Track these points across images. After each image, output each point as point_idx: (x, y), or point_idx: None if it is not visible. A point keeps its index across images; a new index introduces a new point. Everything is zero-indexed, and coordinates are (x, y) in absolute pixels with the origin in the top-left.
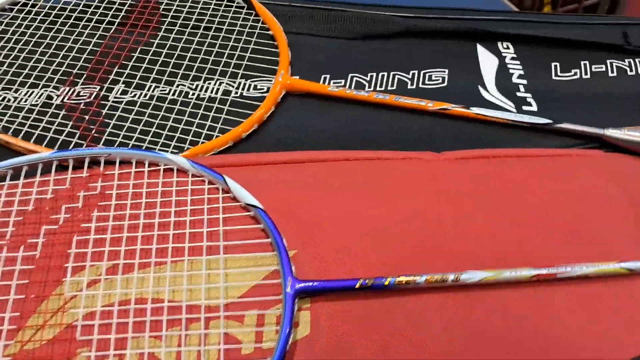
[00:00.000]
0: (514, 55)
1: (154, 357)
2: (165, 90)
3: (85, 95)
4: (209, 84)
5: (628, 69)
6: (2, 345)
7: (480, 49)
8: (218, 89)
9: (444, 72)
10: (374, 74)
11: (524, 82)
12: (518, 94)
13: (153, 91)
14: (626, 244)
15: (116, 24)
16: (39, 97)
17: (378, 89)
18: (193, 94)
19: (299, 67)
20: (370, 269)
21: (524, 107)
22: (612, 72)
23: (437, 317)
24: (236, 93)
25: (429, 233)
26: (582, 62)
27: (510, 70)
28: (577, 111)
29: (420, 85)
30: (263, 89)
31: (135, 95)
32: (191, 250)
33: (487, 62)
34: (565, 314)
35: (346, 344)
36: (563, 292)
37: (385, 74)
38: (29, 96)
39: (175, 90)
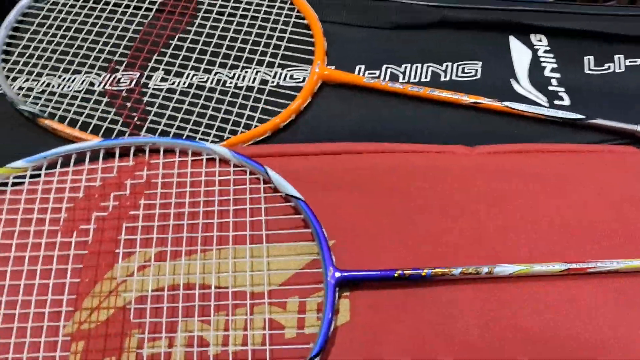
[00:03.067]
0: (547, 48)
1: (202, 339)
2: (203, 79)
3: (125, 82)
4: (246, 72)
5: None
6: (62, 325)
7: (513, 41)
8: (255, 78)
9: (477, 64)
10: (408, 65)
11: (557, 75)
12: (550, 87)
13: (192, 79)
14: None
15: (154, 10)
16: (82, 84)
17: (412, 80)
18: (231, 83)
19: (333, 56)
20: (405, 261)
21: (556, 102)
22: None
23: (469, 309)
24: (273, 82)
25: (463, 227)
26: (616, 56)
27: (543, 64)
28: (610, 106)
29: (454, 78)
30: (299, 78)
31: (174, 83)
32: (235, 239)
33: (520, 54)
34: (594, 309)
35: (383, 332)
36: (593, 287)
37: (419, 65)
38: (72, 82)
39: (213, 79)
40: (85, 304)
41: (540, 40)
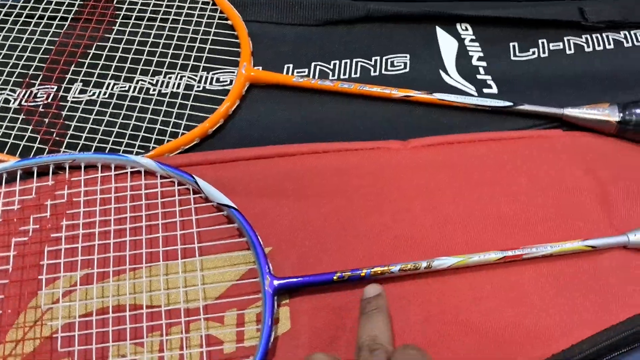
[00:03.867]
0: (473, 37)
1: None
2: (125, 88)
3: (42, 97)
4: (170, 78)
5: (585, 46)
6: None
7: (440, 32)
8: (179, 84)
9: (406, 57)
10: (337, 62)
11: (484, 64)
12: (478, 76)
13: (112, 89)
14: (589, 221)
15: (69, 19)
16: None
17: (342, 77)
18: (154, 90)
19: (260, 57)
20: (345, 262)
21: (485, 90)
22: (570, 49)
23: (410, 305)
24: (198, 87)
25: (400, 224)
26: (540, 41)
27: (470, 53)
28: (537, 91)
29: (383, 72)
30: (226, 81)
31: (94, 94)
32: (166, 254)
33: (447, 45)
34: (532, 294)
35: (325, 337)
36: (531, 273)
37: (348, 61)
38: None
39: (135, 87)
40: (9, 336)
41: (466, 29)
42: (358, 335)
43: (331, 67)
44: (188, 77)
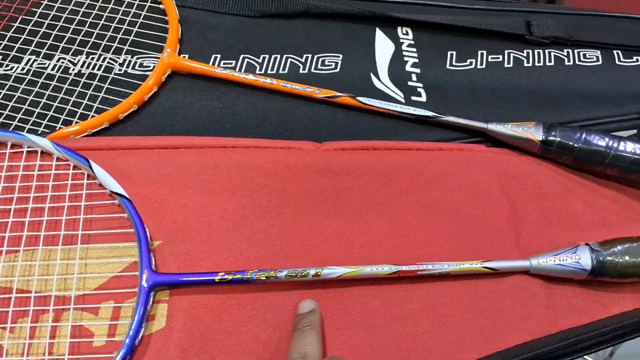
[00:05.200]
0: (412, 42)
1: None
2: (44, 64)
3: None
4: (92, 59)
5: (525, 60)
6: None
7: (379, 34)
8: (101, 65)
9: (338, 57)
10: (267, 56)
11: (417, 70)
12: (410, 83)
13: (31, 64)
14: (496, 241)
15: None
16: None
17: (269, 72)
18: (73, 69)
19: (190, 44)
20: (234, 262)
21: (413, 98)
22: (509, 62)
23: (293, 313)
24: (120, 70)
25: (300, 228)
26: (479, 52)
27: (405, 58)
28: (466, 103)
29: (313, 70)
30: (149, 67)
31: (11, 69)
32: (48, 239)
33: (384, 48)
34: (422, 313)
35: (201, 340)
36: (424, 290)
37: (278, 56)
38: None
39: (55, 65)
40: None
41: (406, 34)
42: (290, 350)
43: (260, 60)
44: (111, 59)
